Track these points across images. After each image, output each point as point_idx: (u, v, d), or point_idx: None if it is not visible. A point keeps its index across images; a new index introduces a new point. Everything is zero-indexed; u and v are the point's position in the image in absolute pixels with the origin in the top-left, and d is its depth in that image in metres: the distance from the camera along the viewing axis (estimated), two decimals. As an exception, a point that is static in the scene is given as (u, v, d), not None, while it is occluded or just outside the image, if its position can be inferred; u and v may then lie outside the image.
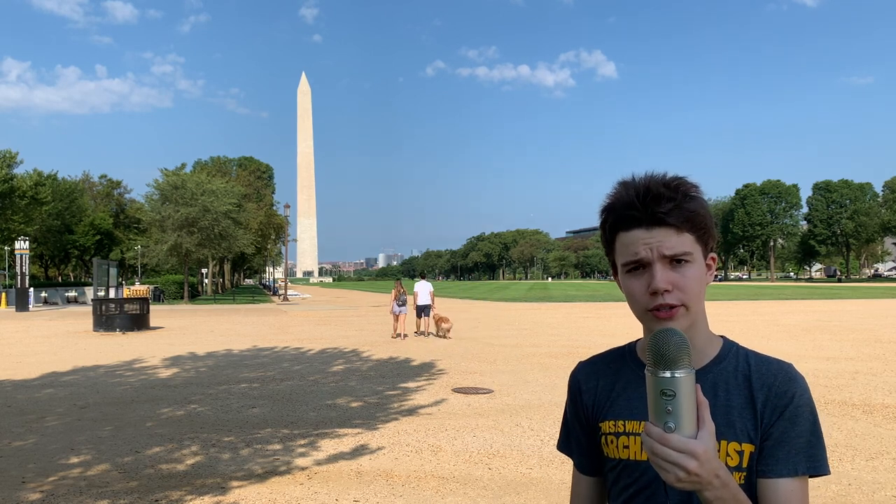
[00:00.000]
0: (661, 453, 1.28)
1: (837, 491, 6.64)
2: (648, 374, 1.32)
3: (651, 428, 1.30)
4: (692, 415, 1.30)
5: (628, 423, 1.59)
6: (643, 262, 1.51)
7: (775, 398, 1.52)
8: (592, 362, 1.76)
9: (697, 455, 1.27)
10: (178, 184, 57.06)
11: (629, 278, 1.55)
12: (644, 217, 1.50)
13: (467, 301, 55.74)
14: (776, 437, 1.50)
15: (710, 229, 1.55)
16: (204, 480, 7.08)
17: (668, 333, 1.31)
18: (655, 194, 1.49)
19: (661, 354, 1.29)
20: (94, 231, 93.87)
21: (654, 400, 1.31)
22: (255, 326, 29.08)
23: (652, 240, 1.49)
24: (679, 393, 1.28)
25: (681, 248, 1.49)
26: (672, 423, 1.28)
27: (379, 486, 6.88)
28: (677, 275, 1.49)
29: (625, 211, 1.52)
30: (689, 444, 1.27)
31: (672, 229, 1.49)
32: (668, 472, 1.28)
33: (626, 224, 1.52)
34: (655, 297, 1.49)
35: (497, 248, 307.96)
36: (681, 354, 1.29)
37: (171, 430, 9.41)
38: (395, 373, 14.56)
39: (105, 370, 15.45)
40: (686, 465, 1.27)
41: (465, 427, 9.47)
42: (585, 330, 25.43)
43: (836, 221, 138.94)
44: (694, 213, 1.51)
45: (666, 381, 1.28)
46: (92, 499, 6.53)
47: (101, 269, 33.02)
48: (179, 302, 56.75)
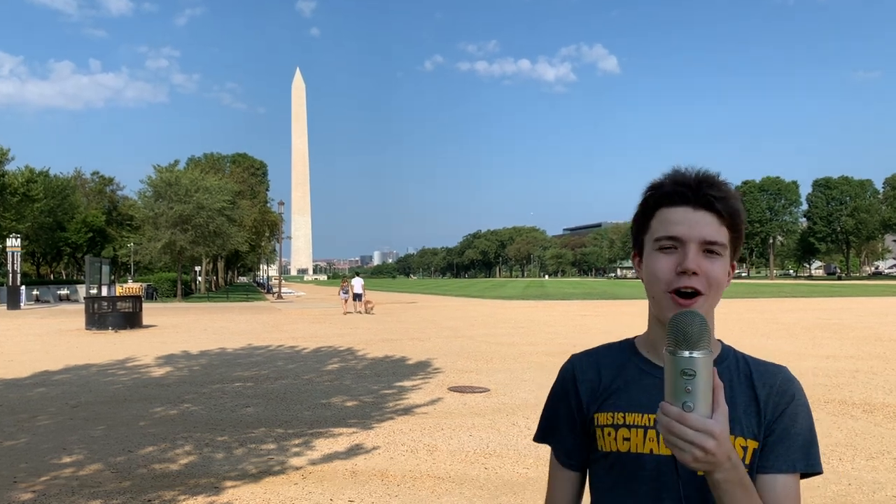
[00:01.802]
0: (679, 432, 1.29)
1: (837, 490, 6.65)
2: (668, 354, 1.33)
3: (669, 407, 1.31)
4: (709, 396, 1.31)
5: (629, 415, 1.59)
6: (679, 241, 1.52)
7: (777, 396, 1.56)
8: (589, 354, 1.75)
9: (715, 434, 1.29)
10: (172, 181, 57.08)
11: (658, 255, 1.56)
12: (694, 197, 1.53)
13: (463, 299, 55.80)
14: (777, 434, 1.54)
15: (742, 235, 1.60)
16: (197, 480, 7.07)
17: (691, 314, 1.33)
18: (711, 181, 1.55)
19: (683, 334, 1.31)
20: (87, 228, 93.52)
21: (673, 379, 1.32)
22: (249, 325, 29.05)
23: (695, 221, 1.52)
24: (699, 373, 1.30)
25: (719, 237, 1.52)
26: (690, 403, 1.30)
27: (374, 486, 6.88)
28: (707, 262, 1.52)
29: (676, 187, 1.55)
30: (708, 423, 1.29)
31: (716, 217, 1.53)
32: (685, 451, 1.30)
33: (674, 200, 1.55)
34: (682, 277, 1.51)
35: (493, 246, 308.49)
36: (703, 335, 1.31)
37: (165, 429, 9.40)
38: (391, 371, 14.56)
39: (97, 369, 15.43)
40: (704, 445, 1.28)
41: (461, 426, 9.47)
42: (583, 328, 25.46)
43: (836, 218, 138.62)
44: (738, 211, 1.56)
45: (687, 361, 1.30)
46: (84, 499, 6.52)
47: (93, 267, 33.00)
48: (172, 300, 56.64)
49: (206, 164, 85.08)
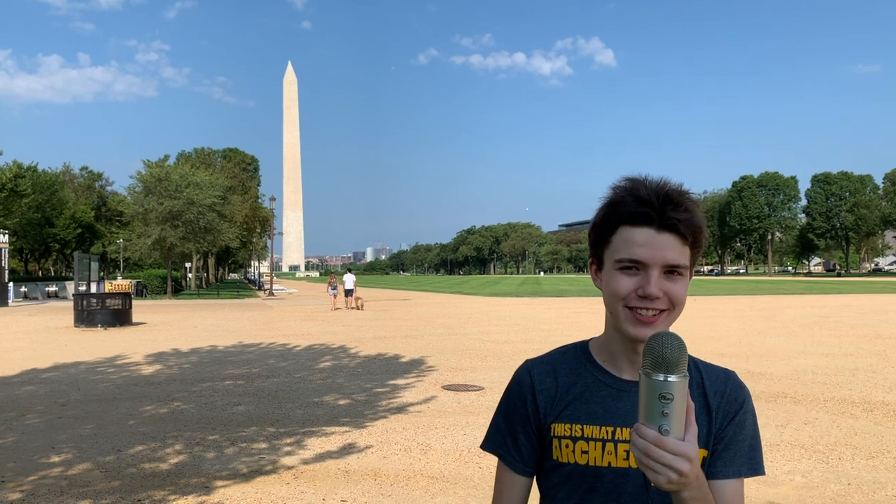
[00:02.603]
0: (657, 456, 1.29)
1: (837, 491, 6.64)
2: (644, 376, 1.32)
3: (645, 430, 1.31)
4: (682, 418, 1.32)
5: (587, 427, 1.60)
6: (641, 264, 1.51)
7: (727, 404, 1.61)
8: (546, 361, 1.74)
9: (691, 458, 1.31)
10: (162, 176, 56.85)
11: (619, 275, 1.55)
12: (657, 218, 1.50)
13: (457, 296, 55.79)
14: (726, 441, 1.59)
15: (703, 247, 1.59)
16: (188, 480, 7.06)
17: (669, 337, 1.33)
18: (675, 200, 1.51)
19: (663, 358, 1.30)
20: (76, 224, 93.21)
21: (649, 402, 1.32)
22: (240, 322, 29.02)
23: (658, 245, 1.50)
24: (676, 397, 1.30)
25: (681, 260, 1.52)
26: (667, 426, 1.30)
27: (367, 486, 6.89)
28: (669, 284, 1.52)
29: (638, 207, 1.51)
30: (683, 447, 1.30)
31: (679, 238, 1.51)
32: (661, 474, 1.30)
33: (635, 220, 1.52)
34: (644, 300, 1.51)
35: (488, 242, 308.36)
36: (681, 358, 1.31)
37: (154, 428, 9.39)
38: (384, 369, 14.56)
39: (86, 367, 15.40)
40: (680, 468, 1.29)
41: (455, 425, 9.48)
42: (578, 326, 25.48)
43: (836, 214, 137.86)
44: (700, 229, 1.54)
45: (664, 385, 1.30)
46: (73, 499, 6.51)
47: (82, 264, 32.91)
48: (162, 297, 56.50)
49: (197, 159, 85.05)
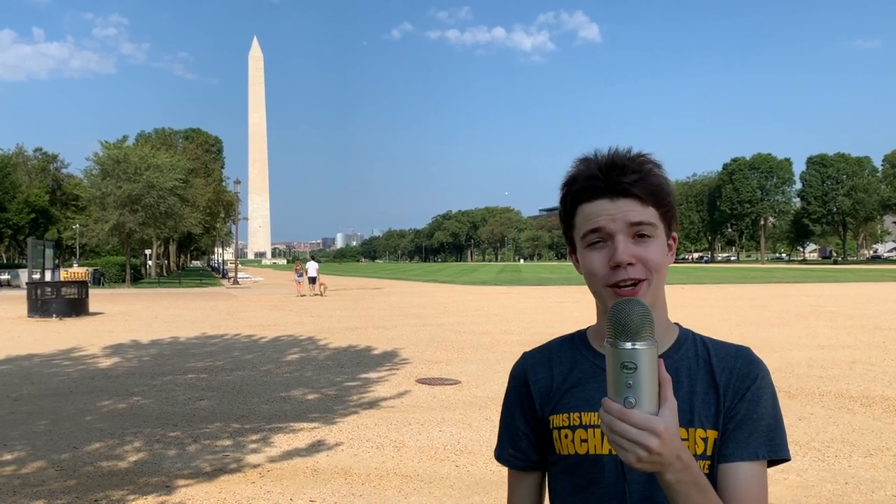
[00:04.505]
0: (621, 430, 1.26)
1: (834, 490, 6.63)
2: (608, 346, 1.30)
3: (610, 403, 1.28)
4: (654, 390, 1.28)
5: (585, 415, 1.59)
6: (605, 234, 1.53)
7: (737, 381, 1.56)
8: (541, 352, 1.75)
9: (659, 432, 1.26)
10: (120, 158, 56.36)
11: (589, 252, 1.56)
12: (608, 187, 1.53)
13: (432, 284, 55.86)
14: (738, 419, 1.53)
15: (673, 207, 1.60)
16: (148, 479, 7.01)
17: (631, 303, 1.31)
18: (620, 165, 1.54)
19: (622, 324, 1.28)
20: (29, 209, 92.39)
21: (613, 373, 1.29)
22: (204, 312, 28.91)
23: (616, 210, 1.52)
24: (640, 366, 1.27)
25: (645, 217, 1.52)
26: (632, 398, 1.26)
27: (337, 485, 6.87)
28: (640, 249, 1.52)
29: (588, 181, 1.55)
30: (651, 420, 1.26)
31: (636, 200, 1.53)
32: (628, 450, 1.27)
33: (589, 194, 1.55)
34: (617, 271, 1.51)
35: (465, 228, 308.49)
36: (644, 325, 1.28)
37: (112, 424, 9.32)
38: (355, 362, 14.54)
39: (40, 359, 15.27)
40: (647, 444, 1.25)
41: (430, 421, 9.48)
42: (560, 315, 25.58)
43: (832, 198, 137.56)
44: (658, 186, 1.56)
45: (627, 354, 1.27)
46: (27, 499, 6.44)
47: (36, 250, 32.57)
48: (121, 285, 56.08)
49: (157, 139, 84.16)
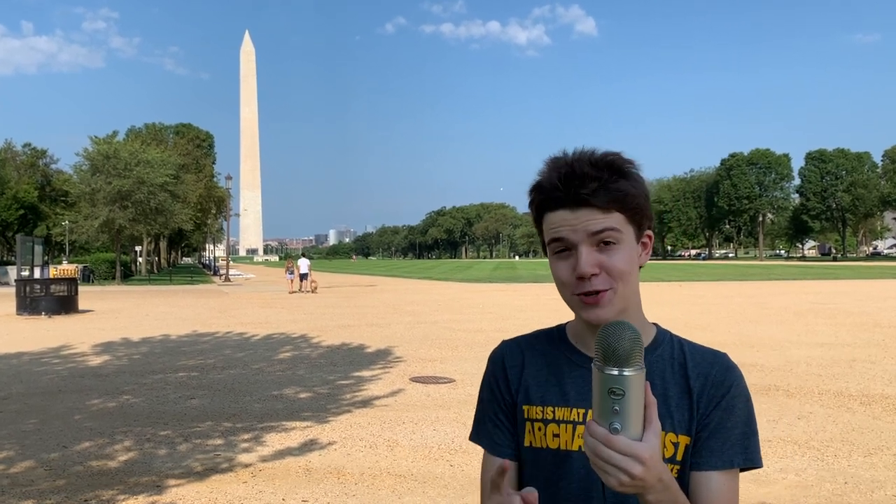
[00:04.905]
0: (606, 456, 1.27)
1: (833, 490, 6.62)
2: (596, 369, 1.29)
3: (595, 428, 1.28)
4: (640, 415, 1.29)
5: (558, 409, 1.61)
6: (568, 244, 1.54)
7: (712, 388, 1.57)
8: (518, 341, 1.77)
9: (644, 460, 1.27)
10: (110, 153, 56.17)
11: (556, 261, 1.58)
12: (568, 198, 1.53)
13: (426, 282, 55.88)
14: (711, 428, 1.55)
15: (642, 209, 1.58)
16: (138, 479, 6.99)
17: (621, 328, 1.30)
18: (580, 174, 1.52)
19: (612, 350, 1.27)
20: (18, 205, 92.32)
21: (600, 398, 1.29)
22: (195, 309, 28.89)
23: (577, 221, 1.52)
24: (628, 392, 1.27)
25: (607, 224, 1.52)
26: (618, 424, 1.27)
27: (330, 485, 6.85)
28: (604, 257, 1.53)
29: (550, 193, 1.56)
30: (636, 447, 1.27)
31: (597, 210, 1.52)
32: (611, 475, 1.28)
33: (552, 205, 1.56)
34: (582, 281, 1.52)
35: (459, 224, 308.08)
36: (633, 351, 1.27)
37: (102, 423, 9.29)
38: (348, 360, 14.53)
39: (29, 357, 15.24)
40: (630, 470, 1.27)
41: (424, 420, 9.47)
42: (556, 314, 25.46)
43: (832, 194, 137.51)
44: (622, 192, 1.54)
45: (615, 380, 1.26)
46: (15, 499, 6.42)
47: (24, 247, 32.56)
48: (111, 282, 55.95)
49: (148, 135, 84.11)
